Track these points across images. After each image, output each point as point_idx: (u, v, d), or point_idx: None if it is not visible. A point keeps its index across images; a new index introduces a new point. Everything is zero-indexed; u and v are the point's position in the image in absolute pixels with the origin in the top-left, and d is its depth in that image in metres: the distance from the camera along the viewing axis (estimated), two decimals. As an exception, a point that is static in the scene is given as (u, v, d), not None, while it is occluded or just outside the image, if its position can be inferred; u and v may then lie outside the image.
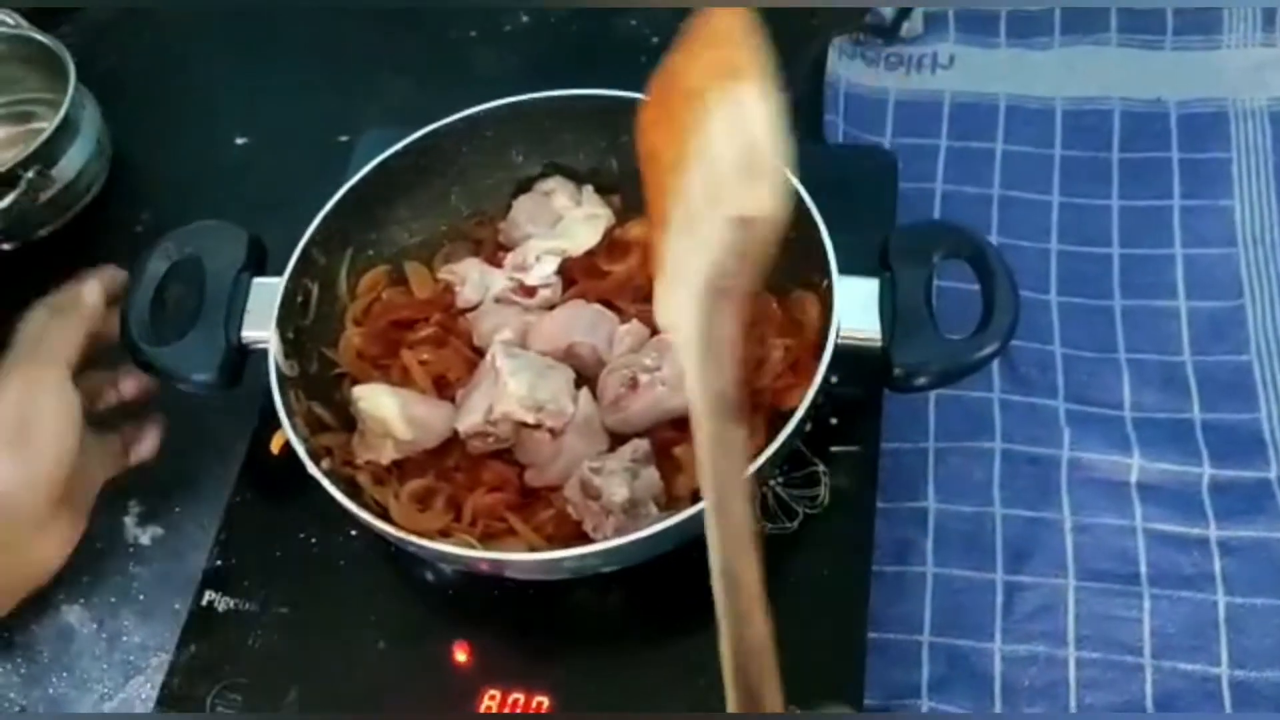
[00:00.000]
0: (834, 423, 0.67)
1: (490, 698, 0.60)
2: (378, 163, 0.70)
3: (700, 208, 0.44)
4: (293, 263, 0.66)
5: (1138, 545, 0.66)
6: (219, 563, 0.67)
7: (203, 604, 0.65)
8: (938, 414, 0.72)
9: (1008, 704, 0.62)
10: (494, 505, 0.63)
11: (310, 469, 0.59)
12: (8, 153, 0.88)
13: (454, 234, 0.75)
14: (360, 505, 0.59)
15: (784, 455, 0.59)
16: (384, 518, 0.60)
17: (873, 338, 0.60)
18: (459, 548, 0.58)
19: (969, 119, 0.86)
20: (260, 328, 0.65)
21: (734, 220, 0.42)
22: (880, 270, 0.62)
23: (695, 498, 0.57)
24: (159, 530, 0.73)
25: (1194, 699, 0.62)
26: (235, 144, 0.93)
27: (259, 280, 0.67)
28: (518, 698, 0.60)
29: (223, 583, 0.66)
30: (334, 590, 0.66)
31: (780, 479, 0.65)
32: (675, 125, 0.46)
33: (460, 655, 0.62)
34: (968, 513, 0.68)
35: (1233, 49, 0.86)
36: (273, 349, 0.63)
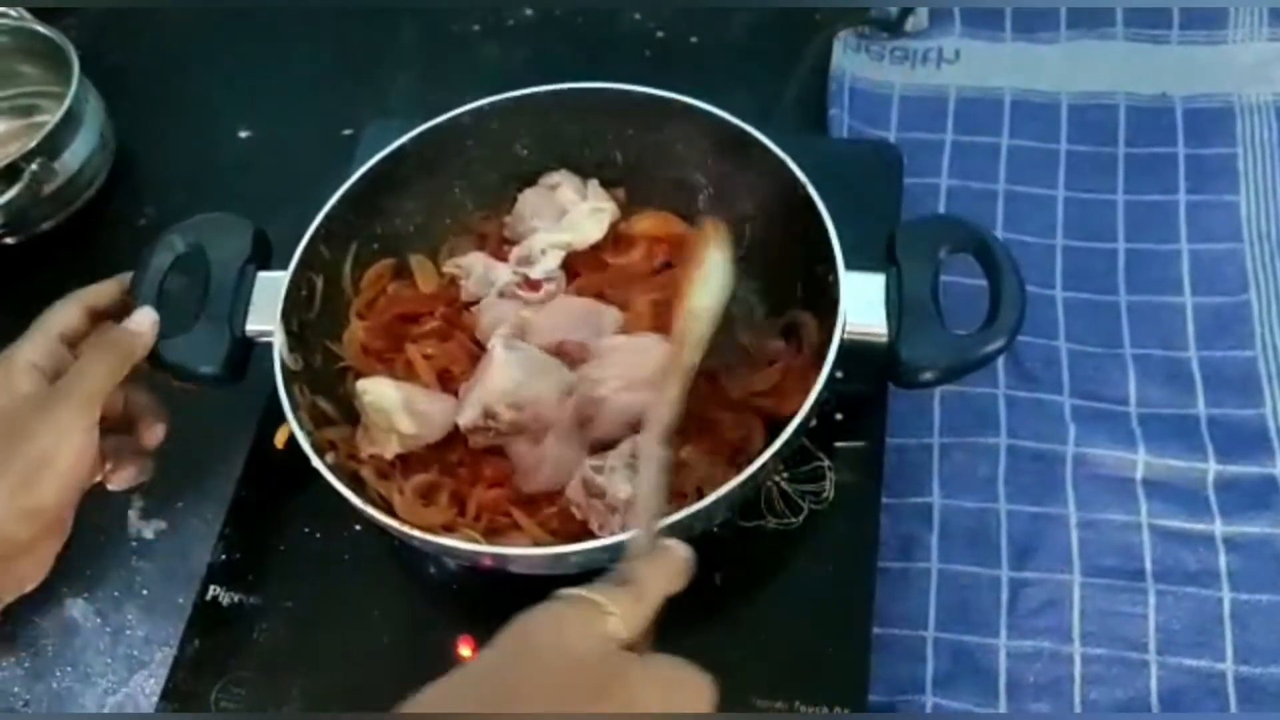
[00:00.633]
0: (839, 418, 0.67)
1: (494, 692, 0.60)
2: (382, 156, 0.70)
3: None
4: (297, 256, 0.66)
5: (1143, 541, 0.66)
6: (223, 557, 0.67)
7: (207, 598, 0.66)
8: (943, 409, 0.72)
9: (1012, 700, 0.62)
10: (498, 500, 0.63)
11: (315, 463, 0.59)
12: (11, 146, 0.88)
13: (459, 228, 0.75)
14: (365, 500, 0.58)
15: (789, 451, 0.59)
16: (388, 512, 0.60)
17: (879, 333, 0.60)
18: (463, 542, 0.58)
19: (974, 114, 0.85)
20: (265, 321, 0.65)
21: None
22: (886, 265, 0.62)
23: (698, 493, 0.57)
24: (163, 525, 0.73)
25: (1199, 695, 0.62)
26: (239, 138, 0.93)
27: (264, 274, 0.67)
28: (521, 693, 0.60)
29: (227, 577, 0.66)
30: (338, 585, 0.66)
31: (785, 474, 0.65)
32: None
33: (464, 650, 0.61)
34: (972, 508, 0.68)
35: (1239, 44, 0.86)
36: (277, 342, 0.63)
